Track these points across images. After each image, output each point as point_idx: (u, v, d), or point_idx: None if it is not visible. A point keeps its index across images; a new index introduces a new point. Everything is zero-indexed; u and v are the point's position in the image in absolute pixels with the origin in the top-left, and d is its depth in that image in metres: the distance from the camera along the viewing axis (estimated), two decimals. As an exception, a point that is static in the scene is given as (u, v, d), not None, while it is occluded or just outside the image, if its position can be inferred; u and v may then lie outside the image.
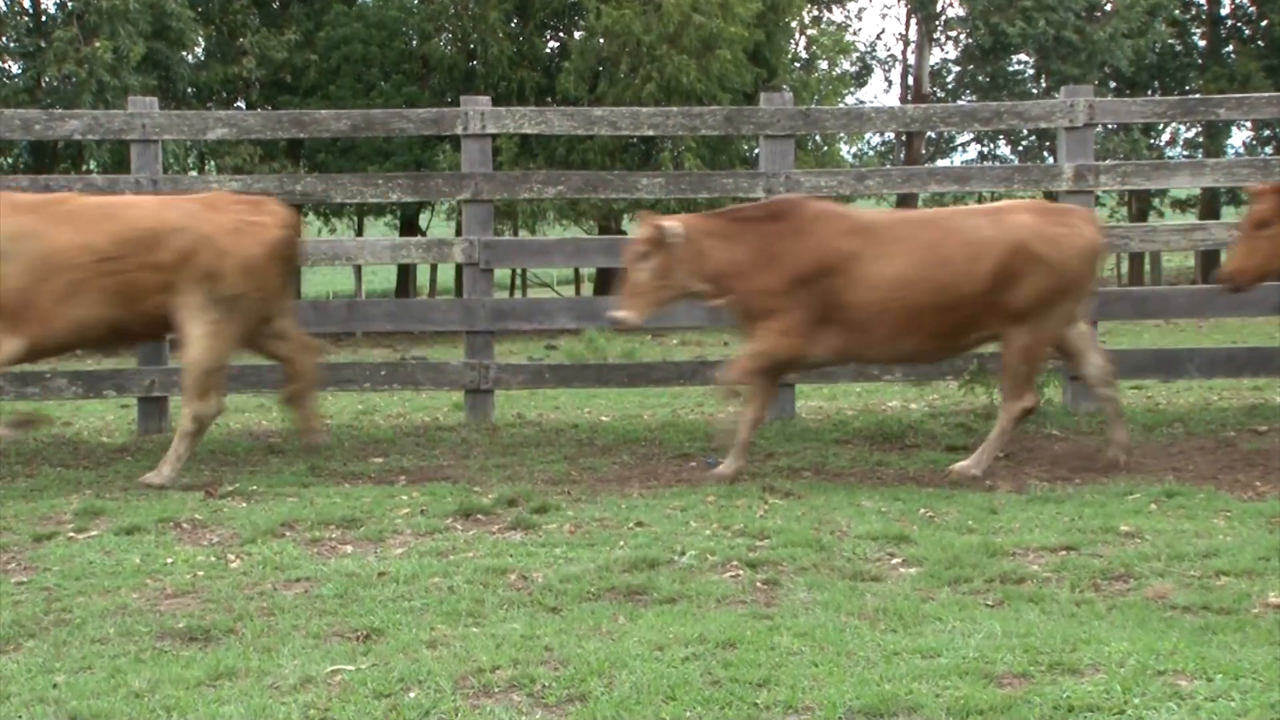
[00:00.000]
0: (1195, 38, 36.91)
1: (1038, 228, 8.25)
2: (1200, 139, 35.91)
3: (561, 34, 31.35)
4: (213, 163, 28.57)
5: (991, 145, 36.64)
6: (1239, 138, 37.75)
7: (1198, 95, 30.52)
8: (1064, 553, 6.40)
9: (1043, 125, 11.53)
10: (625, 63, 27.22)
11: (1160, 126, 35.64)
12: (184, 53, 27.27)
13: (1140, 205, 35.81)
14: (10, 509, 7.64)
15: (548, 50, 31.10)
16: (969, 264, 8.14)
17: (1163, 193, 36.35)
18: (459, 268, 11.31)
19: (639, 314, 8.17)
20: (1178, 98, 16.53)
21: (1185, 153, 36.70)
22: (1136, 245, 11.95)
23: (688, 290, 8.29)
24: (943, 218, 8.65)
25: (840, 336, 8.21)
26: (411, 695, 4.52)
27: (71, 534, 7.05)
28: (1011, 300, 8.15)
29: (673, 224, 8.19)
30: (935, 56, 37.20)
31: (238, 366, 10.75)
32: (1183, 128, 36.57)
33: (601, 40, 27.77)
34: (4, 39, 25.19)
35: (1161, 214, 37.78)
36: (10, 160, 26.16)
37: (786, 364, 8.37)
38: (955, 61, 37.36)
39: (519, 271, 38.45)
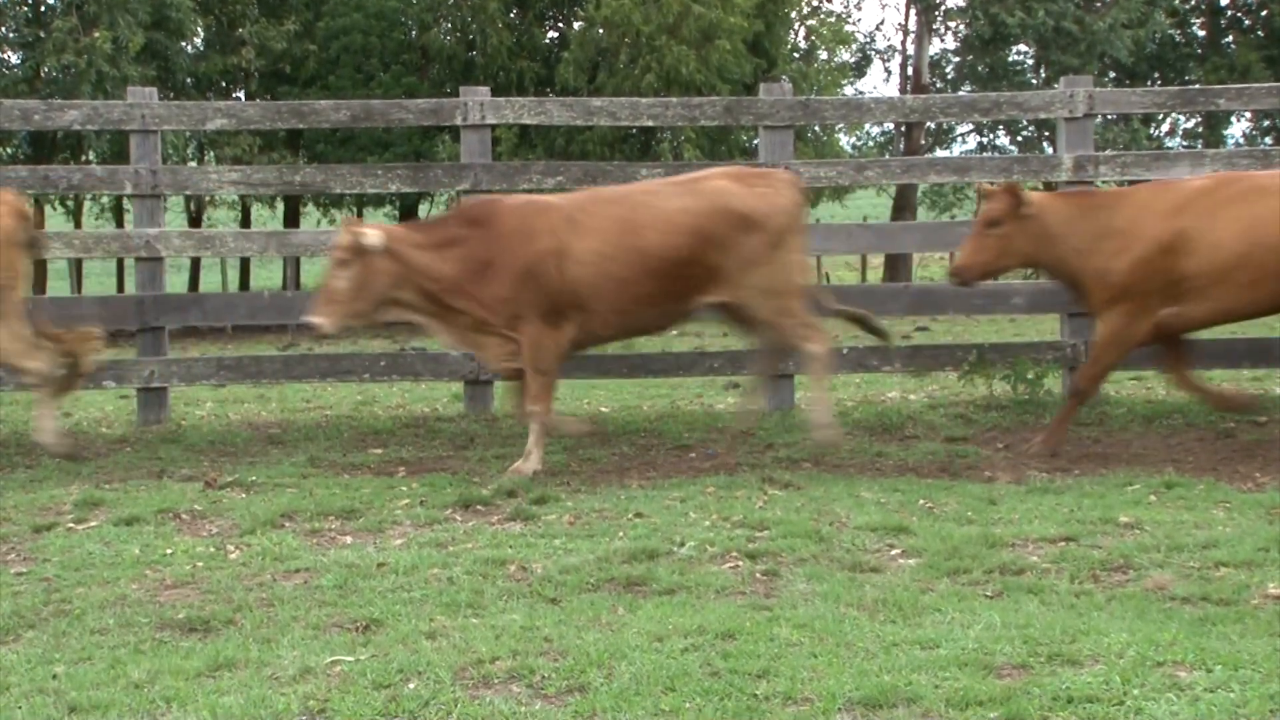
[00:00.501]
0: (1195, 28, 36.89)
1: (736, 190, 8.45)
2: (1200, 129, 35.91)
3: (561, 24, 31.33)
4: (212, 153, 28.56)
5: (991, 136, 36.63)
6: (1239, 128, 37.77)
7: (1197, 86, 30.50)
8: (1063, 544, 6.40)
9: (1042, 116, 11.53)
10: (625, 53, 27.20)
11: (1160, 117, 35.65)
12: (183, 43, 27.26)
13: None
14: (10, 500, 7.64)
15: (547, 41, 31.10)
16: (664, 234, 8.29)
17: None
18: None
19: (333, 322, 8.06)
20: (1177, 88, 16.50)
21: (1185, 143, 36.69)
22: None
23: (390, 300, 8.20)
24: (635, 192, 8.72)
25: (574, 322, 8.29)
26: (411, 686, 4.53)
27: (71, 525, 7.05)
28: (725, 263, 8.35)
29: (373, 233, 8.12)
30: (935, 47, 37.20)
31: (235, 358, 10.74)
32: (1182, 118, 36.57)
33: (601, 30, 27.76)
34: (3, 29, 25.16)
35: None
36: (10, 151, 26.16)
37: (560, 357, 8.43)
38: (955, 52, 37.36)
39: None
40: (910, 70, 36.87)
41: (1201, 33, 36.60)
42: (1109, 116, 30.29)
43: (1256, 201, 8.42)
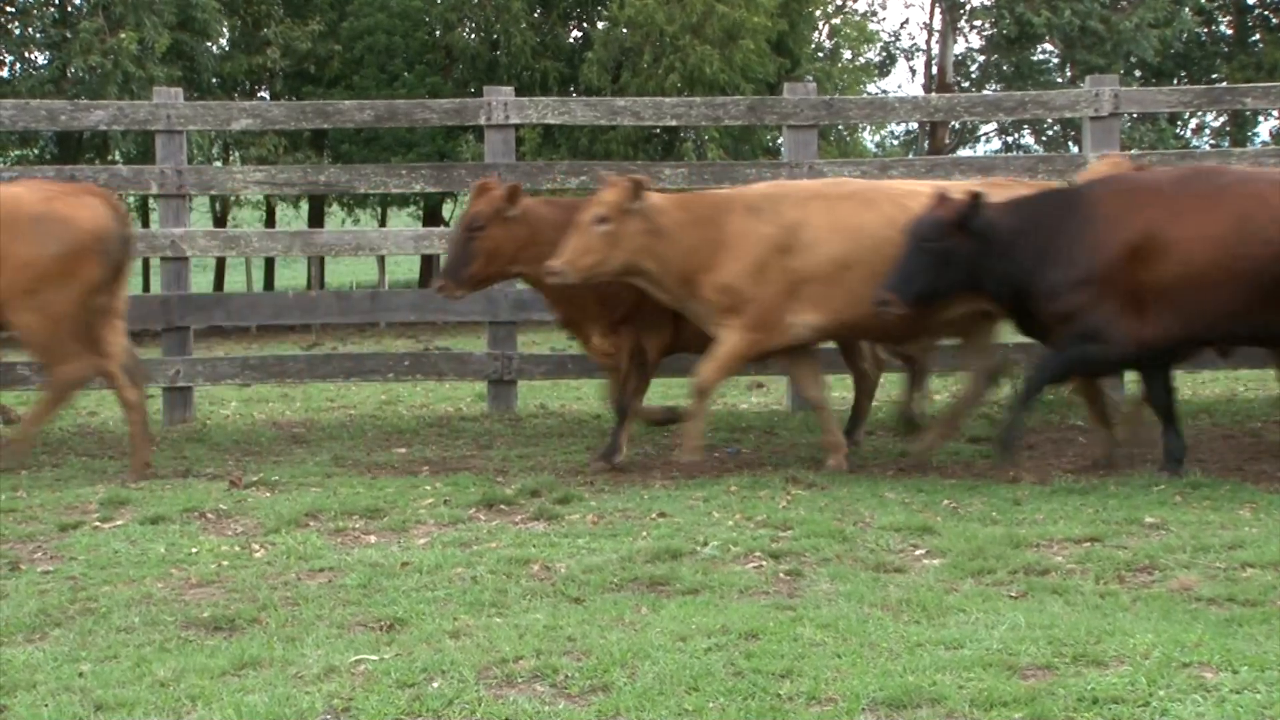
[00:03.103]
0: (1222, 26, 36.72)
1: (31, 203, 8.26)
2: (1227, 128, 35.74)
3: (584, 24, 31.34)
4: (237, 153, 28.66)
5: (1016, 136, 36.51)
6: (1266, 127, 37.57)
7: (1224, 84, 30.34)
8: (1088, 544, 6.38)
9: (1068, 115, 11.50)
10: (648, 53, 27.19)
11: (1186, 116, 35.49)
12: (209, 43, 27.35)
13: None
14: (36, 498, 7.67)
15: (571, 40, 31.11)
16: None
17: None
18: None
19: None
20: (1204, 87, 16.45)
21: (1212, 142, 36.53)
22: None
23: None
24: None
25: None
26: (435, 685, 4.53)
27: (97, 523, 7.08)
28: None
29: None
30: (959, 46, 37.08)
31: (260, 358, 10.77)
32: (1209, 117, 36.39)
33: (625, 30, 27.76)
34: (30, 30, 25.27)
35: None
36: (36, 150, 26.28)
37: None
38: (979, 51, 37.24)
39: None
40: (935, 69, 36.77)
41: (1228, 31, 36.43)
42: (1134, 116, 30.15)
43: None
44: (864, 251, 8.05)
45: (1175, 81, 34.28)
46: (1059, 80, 33.86)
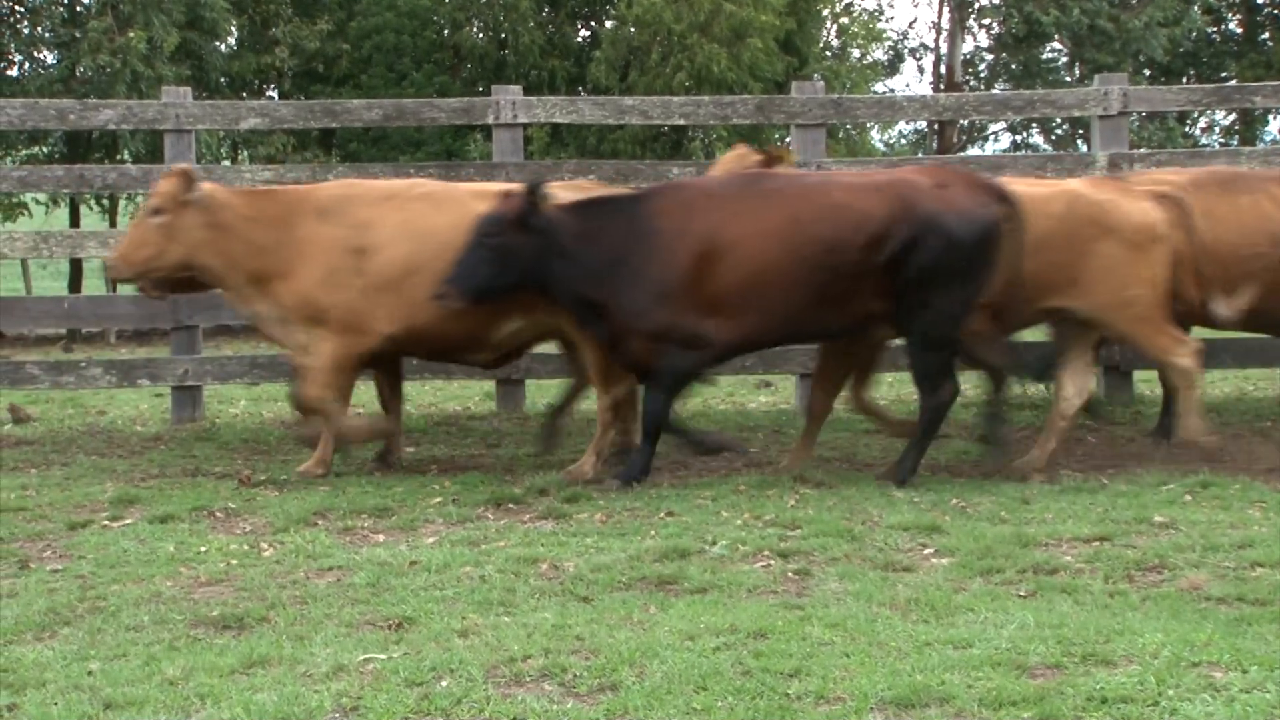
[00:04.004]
0: (1231, 25, 36.63)
1: None
2: (1236, 127, 35.66)
3: (592, 23, 31.32)
4: (245, 152, 28.66)
5: (1025, 134, 36.44)
6: (1276, 125, 37.52)
7: (1233, 83, 30.26)
8: (1097, 543, 6.37)
9: (1076, 114, 11.48)
10: (656, 52, 27.16)
11: (1195, 114, 35.41)
12: (217, 43, 27.35)
13: (1174, 194, 35.52)
14: (46, 497, 7.68)
15: (579, 39, 31.08)
16: None
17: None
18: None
19: None
20: (1213, 85, 16.42)
21: (1221, 140, 36.44)
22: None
23: None
24: None
25: None
26: (443, 684, 4.53)
27: (106, 522, 7.09)
28: None
29: None
30: (968, 45, 36.99)
31: (269, 357, 10.79)
32: (1218, 115, 36.31)
33: (632, 29, 27.72)
34: (39, 29, 25.29)
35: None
36: (46, 150, 26.30)
37: None
38: (988, 50, 37.16)
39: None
40: (943, 68, 36.71)
41: (1238, 30, 36.33)
42: (1143, 114, 30.08)
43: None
44: (430, 256, 7.90)
45: (1184, 80, 34.19)
46: (1068, 79, 33.77)
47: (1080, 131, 32.60)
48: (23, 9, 25.65)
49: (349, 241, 8.02)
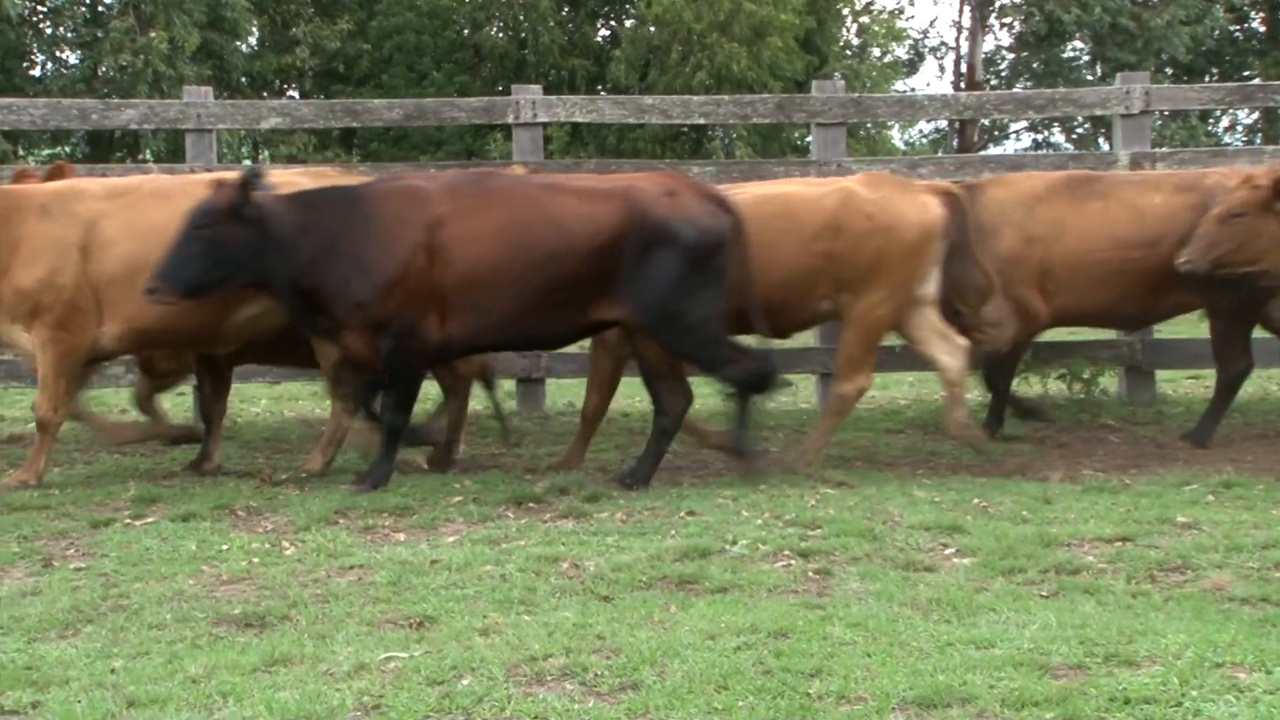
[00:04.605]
0: (1254, 23, 36.48)
1: None
2: (1259, 125, 35.52)
3: (612, 22, 31.33)
4: (266, 152, 28.74)
5: (1046, 133, 36.35)
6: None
7: (1256, 81, 30.12)
8: (1120, 544, 6.35)
9: (1098, 112, 11.44)
10: (676, 51, 27.17)
11: (1218, 113, 35.27)
12: (238, 42, 27.44)
13: (1197, 193, 35.39)
14: (69, 495, 7.71)
15: (599, 39, 31.11)
16: None
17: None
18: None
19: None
20: (1236, 84, 16.36)
21: (1244, 139, 36.29)
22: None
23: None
24: None
25: None
26: (464, 683, 4.54)
27: (128, 520, 7.11)
28: None
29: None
30: (989, 43, 36.92)
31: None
32: (1241, 114, 36.16)
33: (652, 29, 27.74)
34: (62, 29, 25.41)
35: (1218, 202, 37.28)
36: (68, 149, 26.41)
37: None
38: (1009, 48, 37.07)
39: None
40: (964, 67, 36.65)
41: (1260, 28, 36.19)
42: (1165, 113, 29.98)
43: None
44: (156, 252, 7.60)
45: (1207, 79, 34.09)
46: (1089, 77, 33.68)
47: (1102, 130, 32.51)
48: (45, 9, 25.75)
49: (72, 239, 7.83)
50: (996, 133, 37.12)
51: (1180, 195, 8.81)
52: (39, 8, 25.66)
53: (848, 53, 33.26)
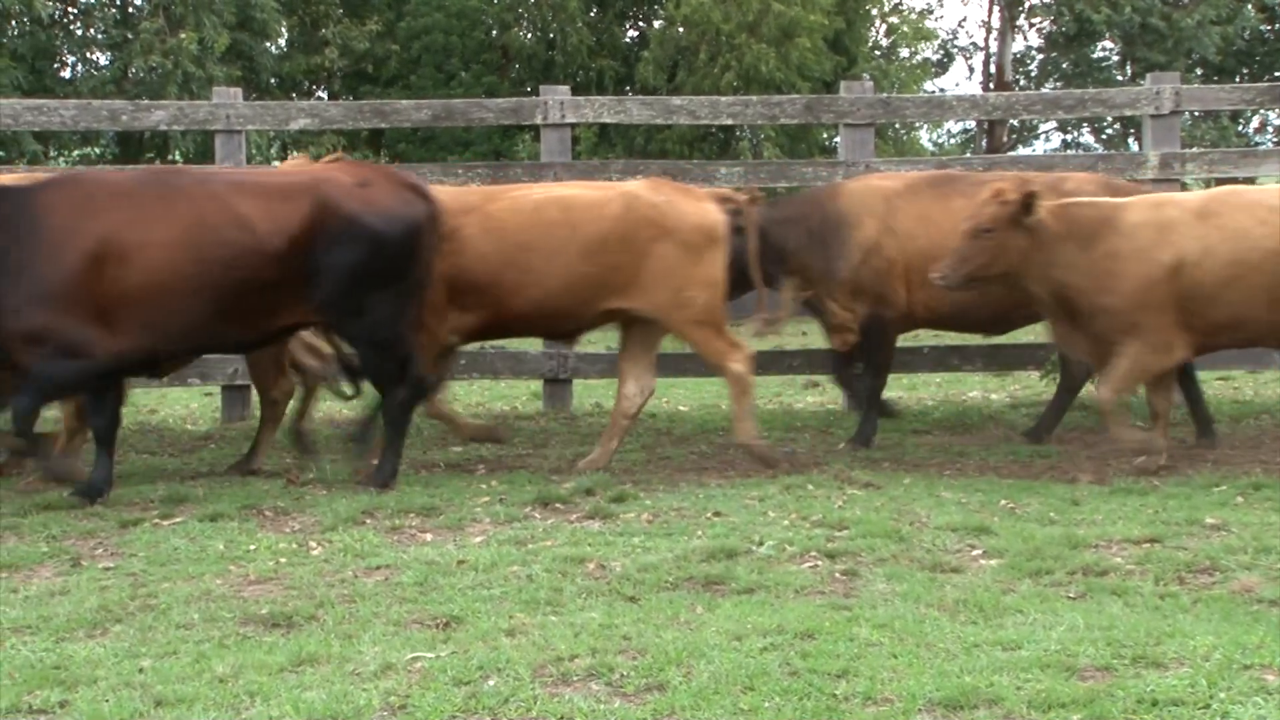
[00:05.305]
0: (1286, 23, 36.25)
1: None
2: (1291, 126, 35.30)
3: (641, 23, 31.32)
4: (295, 153, 28.81)
5: (1076, 134, 36.20)
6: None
7: (1287, 81, 29.88)
8: (1148, 545, 6.32)
9: (1128, 113, 11.41)
10: (704, 52, 27.12)
11: (1249, 113, 35.08)
12: (267, 43, 27.52)
13: (1227, 194, 35.23)
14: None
15: (627, 40, 31.09)
16: None
17: (1251, 181, 35.75)
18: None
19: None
20: (1266, 84, 16.26)
21: (1275, 140, 36.08)
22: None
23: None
24: None
25: None
26: (490, 683, 4.54)
27: (157, 520, 7.14)
28: None
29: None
30: (1018, 43, 36.78)
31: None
32: (1272, 114, 35.93)
33: (680, 29, 27.71)
34: (92, 30, 25.52)
35: (1250, 202, 37.09)
36: (98, 150, 26.53)
37: None
38: (1038, 49, 36.93)
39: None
40: (993, 67, 36.52)
41: (1292, 28, 35.96)
42: (1196, 113, 29.82)
43: None
44: None
45: (1237, 79, 33.88)
46: (1119, 78, 33.51)
47: (1132, 131, 32.36)
48: (75, 11, 25.88)
49: None
50: (1026, 133, 36.99)
51: None
52: (69, 9, 25.77)
53: (876, 53, 33.17)
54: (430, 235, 7.73)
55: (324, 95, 30.07)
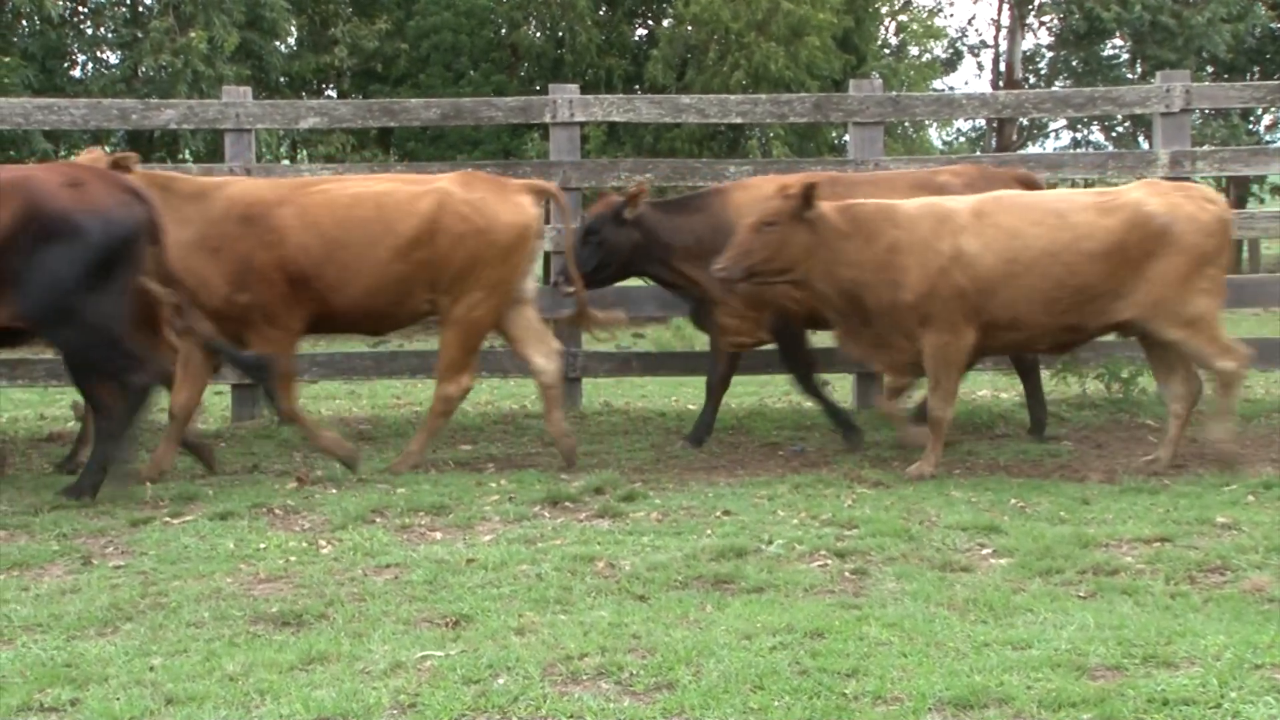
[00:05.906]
0: (1297, 21, 36.18)
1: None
2: (1301, 124, 35.23)
3: (650, 22, 31.31)
4: (305, 151, 28.83)
5: (1085, 132, 36.15)
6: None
7: (1298, 79, 29.81)
8: (1158, 544, 6.31)
9: (1138, 111, 11.37)
10: (713, 50, 27.12)
11: (1259, 111, 35.02)
12: (277, 42, 27.54)
13: (1239, 192, 35.16)
14: (108, 494, 7.75)
15: (636, 38, 31.09)
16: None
17: (1261, 179, 35.71)
18: (546, 255, 11.36)
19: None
20: (1277, 82, 16.21)
21: (1286, 138, 35.99)
22: (1234, 232, 11.74)
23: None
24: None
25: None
26: (500, 682, 4.55)
27: (167, 519, 7.15)
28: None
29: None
30: (1028, 42, 36.75)
31: (327, 355, 10.85)
32: (1283, 113, 35.85)
33: (690, 28, 27.70)
34: (102, 29, 25.56)
35: (1261, 200, 37.11)
36: (109, 149, 26.56)
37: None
38: (1048, 47, 36.89)
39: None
40: (1002, 65, 36.48)
41: (1303, 26, 35.88)
42: (1206, 111, 29.77)
43: None
44: None
45: (1248, 77, 33.83)
46: (1129, 76, 33.46)
47: (1142, 129, 32.31)
48: (85, 10, 25.92)
49: None
50: (1035, 131, 36.95)
51: (912, 194, 8.69)
52: (80, 8, 25.82)
53: (885, 51, 33.16)
54: (146, 239, 7.49)
55: (333, 94, 30.09)
